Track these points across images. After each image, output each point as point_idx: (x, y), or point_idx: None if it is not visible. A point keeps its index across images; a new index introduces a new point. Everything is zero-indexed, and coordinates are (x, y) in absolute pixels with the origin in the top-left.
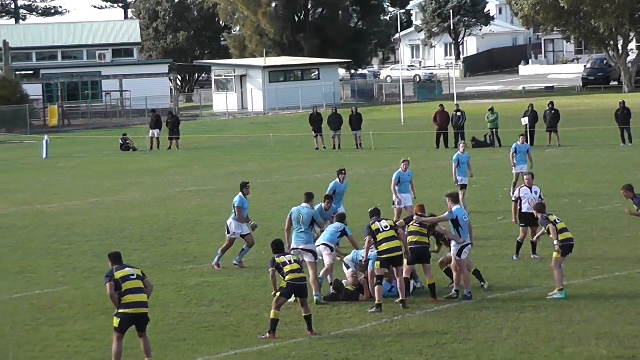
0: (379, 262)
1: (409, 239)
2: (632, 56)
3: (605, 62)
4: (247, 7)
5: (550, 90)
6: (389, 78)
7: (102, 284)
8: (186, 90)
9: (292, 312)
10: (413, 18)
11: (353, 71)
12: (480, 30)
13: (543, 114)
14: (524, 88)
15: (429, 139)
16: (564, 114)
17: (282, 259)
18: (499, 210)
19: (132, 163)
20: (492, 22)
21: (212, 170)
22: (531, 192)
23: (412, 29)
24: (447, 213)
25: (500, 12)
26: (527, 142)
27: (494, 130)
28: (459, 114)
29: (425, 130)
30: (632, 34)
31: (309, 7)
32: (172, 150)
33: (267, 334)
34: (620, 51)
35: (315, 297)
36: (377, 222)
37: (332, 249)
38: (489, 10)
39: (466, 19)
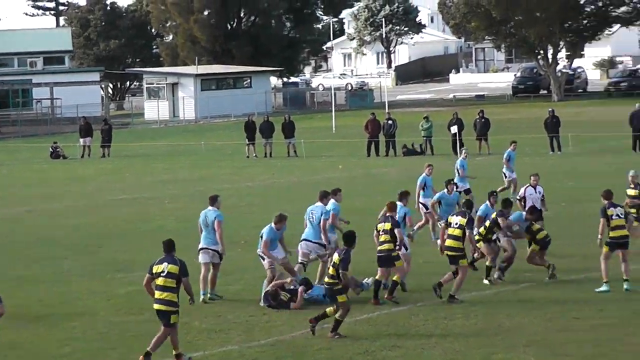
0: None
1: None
2: (561, 65)
3: (535, 70)
4: (179, 15)
5: (481, 98)
6: (321, 86)
7: (31, 292)
8: (117, 98)
9: (222, 320)
10: (345, 26)
11: (285, 79)
12: (412, 38)
13: (473, 123)
14: (454, 96)
15: (361, 147)
16: (494, 122)
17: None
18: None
19: (62, 171)
20: (423, 30)
21: (143, 178)
22: (535, 192)
23: (344, 37)
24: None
25: (432, 21)
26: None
27: (428, 138)
28: (390, 122)
29: (357, 138)
30: (561, 43)
31: (242, 15)
32: (105, 158)
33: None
34: (550, 60)
35: (201, 295)
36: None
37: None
38: (420, 19)
39: (398, 27)
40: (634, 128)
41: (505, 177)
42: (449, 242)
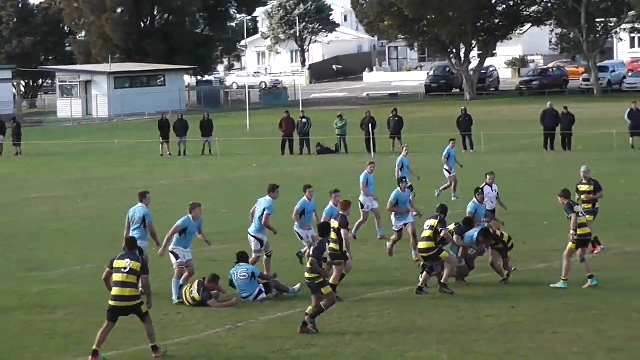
0: None
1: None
2: (473, 64)
3: (447, 69)
4: (92, 13)
5: (394, 97)
6: (235, 84)
7: None
8: (30, 96)
9: (137, 319)
10: (259, 25)
11: (199, 77)
12: (326, 37)
13: (387, 121)
14: (368, 95)
15: (275, 146)
16: (407, 121)
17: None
18: None
19: None
20: (337, 29)
21: (56, 176)
22: (492, 190)
23: (258, 35)
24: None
25: (346, 20)
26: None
27: (342, 136)
28: (304, 120)
29: (271, 136)
30: (474, 42)
31: (156, 13)
32: (18, 156)
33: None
34: (463, 59)
35: None
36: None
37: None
38: (334, 18)
39: (312, 26)
40: (545, 127)
41: (449, 174)
42: (421, 245)
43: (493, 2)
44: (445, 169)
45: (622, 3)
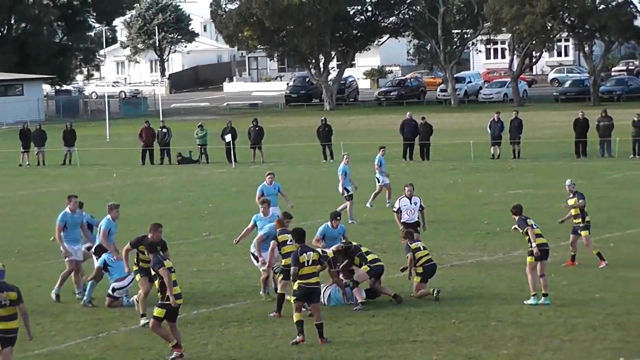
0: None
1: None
2: (333, 74)
3: (307, 80)
4: None
5: (255, 107)
6: (94, 94)
7: None
8: None
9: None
10: (118, 34)
11: (58, 87)
12: (185, 47)
13: (247, 131)
14: (228, 105)
15: (135, 155)
16: (268, 131)
17: (304, 257)
18: (204, 225)
19: None
20: (196, 39)
21: None
22: (410, 203)
23: (117, 45)
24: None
25: (205, 29)
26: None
27: (203, 146)
28: (164, 130)
29: (131, 146)
30: (333, 53)
31: (12, 21)
32: None
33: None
34: (322, 69)
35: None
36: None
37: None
38: (193, 27)
39: (171, 35)
40: (404, 137)
41: (379, 182)
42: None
43: (351, 13)
44: (377, 177)
45: (478, 15)
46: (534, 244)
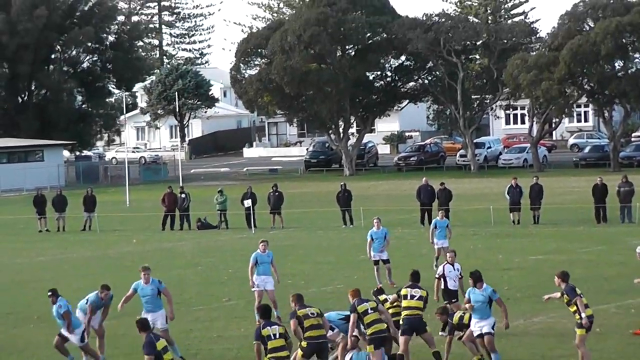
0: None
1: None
2: (352, 139)
3: (327, 145)
4: None
5: (274, 172)
6: (114, 159)
7: None
8: None
9: None
10: (138, 100)
11: (78, 153)
12: (205, 112)
13: (267, 196)
14: (247, 170)
15: (155, 221)
16: (287, 196)
17: (267, 331)
18: (224, 291)
19: None
20: (216, 104)
21: None
22: (453, 269)
23: (137, 110)
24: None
25: (225, 95)
26: None
27: (222, 212)
28: (183, 195)
29: (151, 211)
30: (352, 118)
31: (33, 88)
32: None
33: None
34: (342, 134)
35: None
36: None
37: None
38: (213, 93)
39: (191, 101)
40: (421, 202)
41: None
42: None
43: (371, 79)
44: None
45: (497, 80)
46: (583, 315)
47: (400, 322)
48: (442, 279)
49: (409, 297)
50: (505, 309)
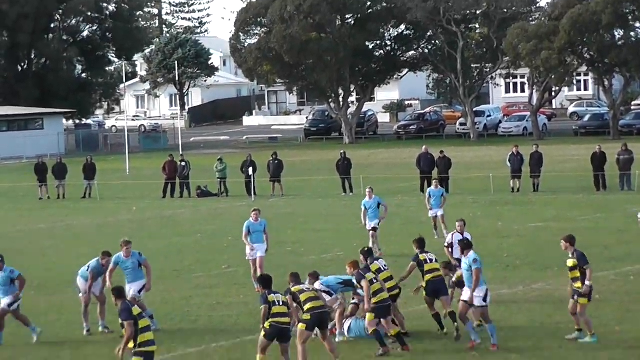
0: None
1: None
2: (352, 108)
3: (326, 113)
4: None
5: (274, 140)
6: (114, 128)
7: None
8: None
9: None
10: (138, 69)
11: (77, 121)
12: (205, 81)
13: (267, 164)
14: (247, 139)
15: (155, 189)
16: (287, 164)
17: (272, 297)
18: (223, 258)
19: None
20: (216, 73)
21: None
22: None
23: (137, 79)
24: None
25: (225, 64)
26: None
27: (222, 180)
28: (183, 163)
29: (151, 179)
30: (352, 87)
31: (33, 57)
32: None
33: None
34: (341, 103)
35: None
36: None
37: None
38: (213, 62)
39: (190, 70)
40: (421, 170)
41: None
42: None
43: (370, 47)
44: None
45: (497, 49)
46: (588, 284)
47: (424, 286)
48: (450, 247)
49: (428, 261)
50: (476, 280)
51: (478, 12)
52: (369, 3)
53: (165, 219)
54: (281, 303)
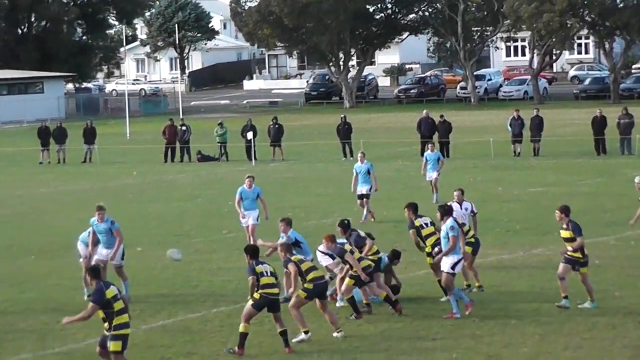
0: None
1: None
2: (352, 72)
3: (327, 77)
4: None
5: (274, 105)
6: (114, 92)
7: None
8: None
9: (15, 329)
10: (138, 32)
11: (78, 85)
12: (205, 44)
13: (267, 129)
14: (247, 103)
15: (155, 153)
16: (287, 129)
17: (260, 268)
18: (224, 223)
19: None
20: (216, 36)
21: None
22: (461, 208)
23: (137, 42)
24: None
25: (225, 27)
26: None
27: (222, 144)
28: (184, 128)
29: (151, 144)
30: (352, 51)
31: (32, 20)
32: None
33: (236, 348)
34: (342, 67)
35: None
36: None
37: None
38: (213, 25)
39: (191, 33)
40: (421, 135)
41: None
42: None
43: (371, 10)
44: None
45: (498, 12)
46: (570, 249)
47: (428, 250)
48: None
49: (424, 226)
50: (452, 246)
51: None
52: None
53: (165, 183)
54: (269, 273)
